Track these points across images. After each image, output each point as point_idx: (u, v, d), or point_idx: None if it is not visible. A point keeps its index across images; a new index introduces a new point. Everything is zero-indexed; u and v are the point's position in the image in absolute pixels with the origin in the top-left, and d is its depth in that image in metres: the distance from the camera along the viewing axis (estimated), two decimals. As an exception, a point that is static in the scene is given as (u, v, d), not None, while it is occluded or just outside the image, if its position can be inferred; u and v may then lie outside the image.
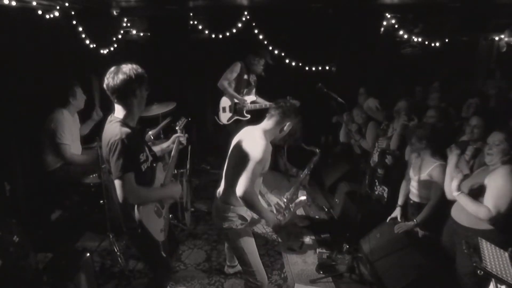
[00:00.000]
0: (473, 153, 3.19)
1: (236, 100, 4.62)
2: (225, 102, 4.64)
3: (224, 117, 4.64)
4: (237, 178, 2.35)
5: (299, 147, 3.47)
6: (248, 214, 2.58)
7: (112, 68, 2.08)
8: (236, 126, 4.42)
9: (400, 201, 3.47)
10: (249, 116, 4.66)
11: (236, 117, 4.67)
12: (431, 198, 3.12)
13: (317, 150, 3.47)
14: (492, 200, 2.48)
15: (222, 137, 4.38)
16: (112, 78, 2.04)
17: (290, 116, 2.54)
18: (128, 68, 2.06)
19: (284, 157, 3.82)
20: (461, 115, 4.09)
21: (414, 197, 3.30)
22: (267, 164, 2.48)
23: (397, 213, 3.42)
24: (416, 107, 4.21)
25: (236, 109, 4.64)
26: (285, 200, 3.18)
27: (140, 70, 2.11)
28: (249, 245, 2.59)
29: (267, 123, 2.56)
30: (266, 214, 2.52)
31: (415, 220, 3.18)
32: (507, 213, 2.45)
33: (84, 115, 3.99)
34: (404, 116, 3.85)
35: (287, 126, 2.57)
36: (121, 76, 2.03)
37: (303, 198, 3.21)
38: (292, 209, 3.10)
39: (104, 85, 2.07)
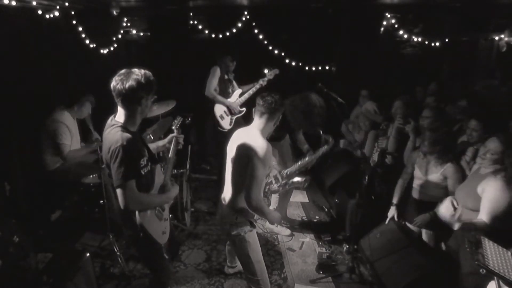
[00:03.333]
0: (474, 154, 3.18)
1: (227, 104, 4.58)
2: (219, 109, 4.56)
3: (226, 123, 4.58)
4: (244, 183, 2.33)
5: (314, 134, 3.46)
6: (255, 218, 2.55)
7: (123, 71, 2.00)
8: (238, 125, 4.38)
9: (395, 200, 3.44)
10: (244, 109, 4.62)
11: (235, 117, 4.65)
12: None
13: (331, 139, 3.45)
14: (487, 214, 2.54)
15: (221, 136, 4.36)
16: (121, 81, 1.96)
17: (280, 109, 2.45)
18: (139, 75, 1.98)
19: (299, 132, 3.75)
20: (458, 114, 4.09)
21: (416, 194, 3.29)
22: (271, 164, 2.45)
23: (392, 212, 3.40)
24: (414, 107, 4.20)
25: (231, 110, 4.61)
26: (284, 175, 3.20)
27: (151, 78, 2.03)
28: (257, 253, 2.55)
29: (260, 121, 2.45)
30: (271, 215, 2.51)
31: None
32: (503, 218, 2.51)
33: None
34: (400, 119, 3.83)
35: (278, 118, 2.50)
36: (130, 82, 1.95)
37: (299, 179, 3.20)
38: (287, 186, 3.13)
39: (111, 86, 2.00)
